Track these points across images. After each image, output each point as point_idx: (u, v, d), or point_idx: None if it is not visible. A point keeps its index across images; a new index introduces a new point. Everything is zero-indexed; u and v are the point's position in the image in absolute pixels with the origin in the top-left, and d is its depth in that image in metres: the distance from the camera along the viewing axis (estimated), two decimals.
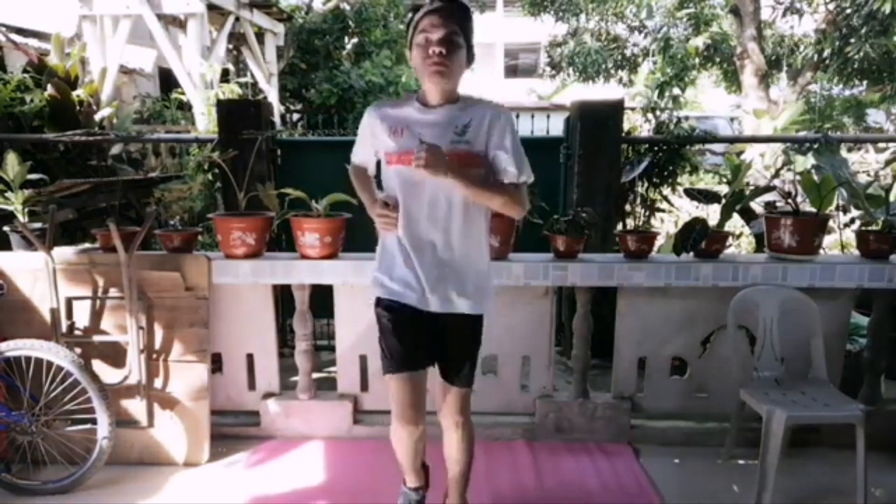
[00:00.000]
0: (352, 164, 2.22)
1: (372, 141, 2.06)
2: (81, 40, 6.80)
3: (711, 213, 3.58)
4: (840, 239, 3.79)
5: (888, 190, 2.96)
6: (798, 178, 3.17)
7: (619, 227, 3.87)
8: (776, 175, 4.62)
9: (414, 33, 1.87)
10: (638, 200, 3.94)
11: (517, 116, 4.66)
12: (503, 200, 1.95)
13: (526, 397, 3.12)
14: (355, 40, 10.92)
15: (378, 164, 2.12)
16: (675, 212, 4.86)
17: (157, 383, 2.88)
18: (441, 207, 1.94)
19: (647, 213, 3.99)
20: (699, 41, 11.42)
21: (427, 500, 2.29)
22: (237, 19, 8.46)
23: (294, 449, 3.00)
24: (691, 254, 2.92)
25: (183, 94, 6.49)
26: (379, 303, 2.08)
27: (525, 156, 1.99)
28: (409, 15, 1.92)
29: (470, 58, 1.92)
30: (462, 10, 1.87)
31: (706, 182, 5.11)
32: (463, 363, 2.09)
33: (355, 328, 3.01)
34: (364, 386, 3.12)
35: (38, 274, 2.79)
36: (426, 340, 2.05)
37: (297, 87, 10.51)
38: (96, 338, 2.84)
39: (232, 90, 5.15)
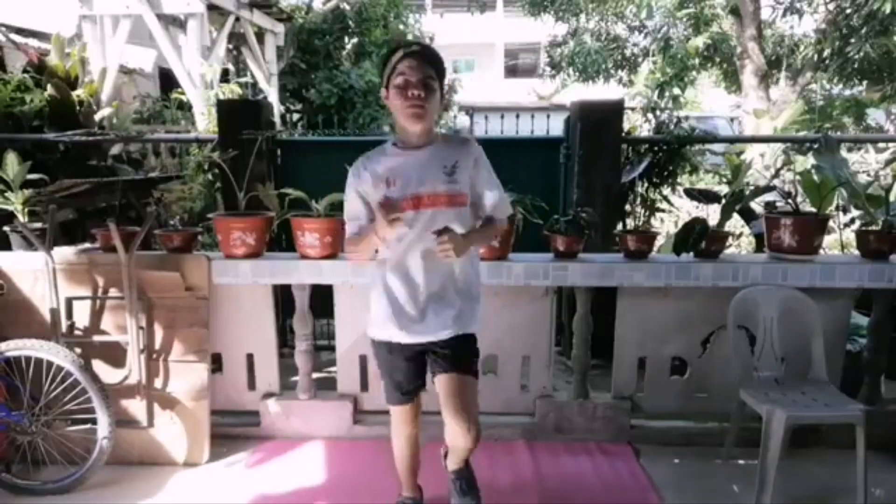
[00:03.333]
0: (349, 237, 2.12)
1: (363, 198, 2.07)
2: (81, 40, 6.79)
3: (711, 213, 3.58)
4: (840, 239, 3.79)
5: (888, 190, 2.95)
6: (798, 178, 3.17)
7: (619, 227, 3.86)
8: (776, 175, 4.61)
9: (392, 75, 1.95)
10: (638, 200, 3.94)
11: (517, 116, 4.67)
12: (493, 238, 2.17)
13: (526, 397, 3.12)
14: (355, 40, 10.92)
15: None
16: (675, 212, 4.85)
17: (157, 383, 2.87)
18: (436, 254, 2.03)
19: (647, 213, 3.98)
20: (699, 41, 11.42)
21: None
22: (237, 19, 8.44)
23: (294, 449, 3.00)
24: (691, 254, 2.92)
25: (183, 94, 6.47)
26: (374, 342, 2.22)
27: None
28: (386, 55, 2.01)
29: (441, 100, 2.02)
30: (436, 56, 1.99)
31: (706, 182, 5.10)
32: (460, 355, 2.12)
33: (355, 328, 3.01)
34: (364, 386, 3.12)
35: (38, 274, 2.79)
36: (422, 366, 2.17)
37: (297, 87, 10.49)
38: (96, 338, 2.84)
39: (232, 90, 5.14)
